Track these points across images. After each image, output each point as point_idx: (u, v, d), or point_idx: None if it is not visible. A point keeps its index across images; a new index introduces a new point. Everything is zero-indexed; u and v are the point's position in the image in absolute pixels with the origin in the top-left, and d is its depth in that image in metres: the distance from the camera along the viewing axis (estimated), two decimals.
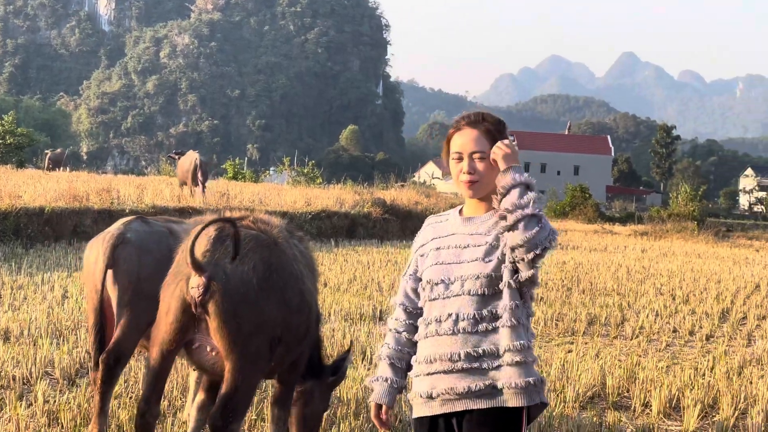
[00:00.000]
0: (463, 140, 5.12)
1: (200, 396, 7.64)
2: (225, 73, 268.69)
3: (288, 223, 9.52)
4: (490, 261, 5.03)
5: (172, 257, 6.96)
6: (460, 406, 5.01)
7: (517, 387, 4.92)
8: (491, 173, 5.05)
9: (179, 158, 36.09)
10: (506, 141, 5.05)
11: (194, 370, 7.56)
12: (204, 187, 32.86)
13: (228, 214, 7.25)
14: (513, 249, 4.94)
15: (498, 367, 4.96)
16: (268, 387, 9.44)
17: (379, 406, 5.35)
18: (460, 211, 5.28)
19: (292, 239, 7.55)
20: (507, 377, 4.94)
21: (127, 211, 26.18)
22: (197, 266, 6.52)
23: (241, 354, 6.75)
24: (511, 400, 4.95)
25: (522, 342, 4.96)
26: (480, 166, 5.05)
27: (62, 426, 8.61)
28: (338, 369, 8.43)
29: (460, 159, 5.09)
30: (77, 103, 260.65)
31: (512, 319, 4.97)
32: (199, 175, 32.55)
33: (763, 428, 9.56)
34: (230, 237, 6.75)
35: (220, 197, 32.88)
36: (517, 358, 4.94)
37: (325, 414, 9.31)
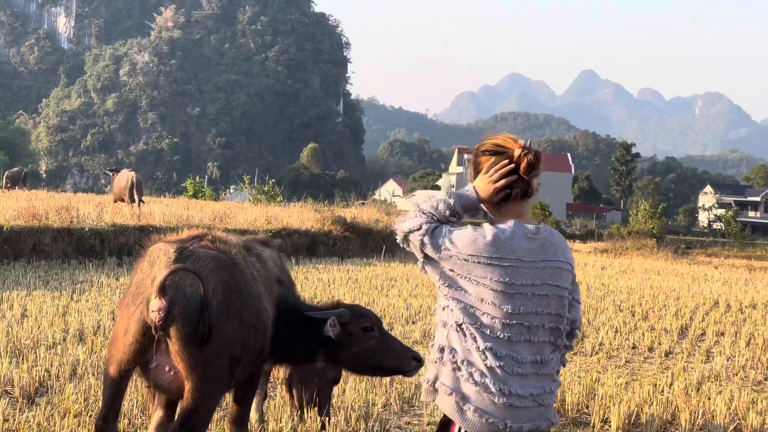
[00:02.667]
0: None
1: (158, 413, 7.64)
2: (185, 90, 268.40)
3: (246, 240, 9.60)
4: None
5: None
6: None
7: None
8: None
9: (114, 175, 37.57)
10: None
11: (148, 388, 7.55)
12: (141, 202, 34.49)
13: (187, 232, 7.28)
14: None
15: None
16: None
17: None
18: None
19: (250, 257, 7.61)
20: None
21: (86, 229, 26.10)
22: (162, 289, 6.53)
23: (201, 375, 6.77)
24: None
25: None
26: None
27: None
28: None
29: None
30: (36, 121, 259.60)
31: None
32: (135, 193, 34.13)
33: None
34: (190, 259, 6.78)
35: (180, 215, 32.82)
36: None
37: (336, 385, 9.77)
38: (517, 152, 5.38)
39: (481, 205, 5.50)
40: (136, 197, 34.01)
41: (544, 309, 5.19)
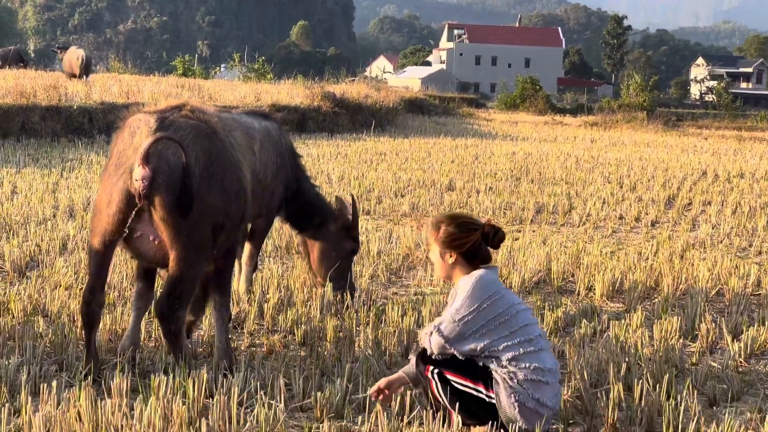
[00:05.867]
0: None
1: (138, 285, 7.75)
2: None
3: (245, 111, 9.75)
4: None
5: None
6: None
7: None
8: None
9: (62, 53, 40.49)
10: None
11: (131, 258, 7.66)
12: (88, 78, 37.26)
13: (165, 102, 7.32)
14: None
15: None
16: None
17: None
18: None
19: (231, 127, 7.71)
20: None
21: (75, 108, 26.04)
22: (145, 158, 6.59)
23: (186, 243, 6.87)
24: None
25: None
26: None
27: (13, 316, 8.71)
28: (340, 217, 9.87)
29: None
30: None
31: None
32: (84, 68, 37.44)
33: (701, 308, 9.78)
34: (171, 128, 6.83)
35: (170, 93, 32.70)
36: None
37: (355, 257, 10.30)
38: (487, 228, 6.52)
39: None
40: (84, 72, 37.05)
41: None
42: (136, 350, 7.56)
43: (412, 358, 6.53)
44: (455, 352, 6.12)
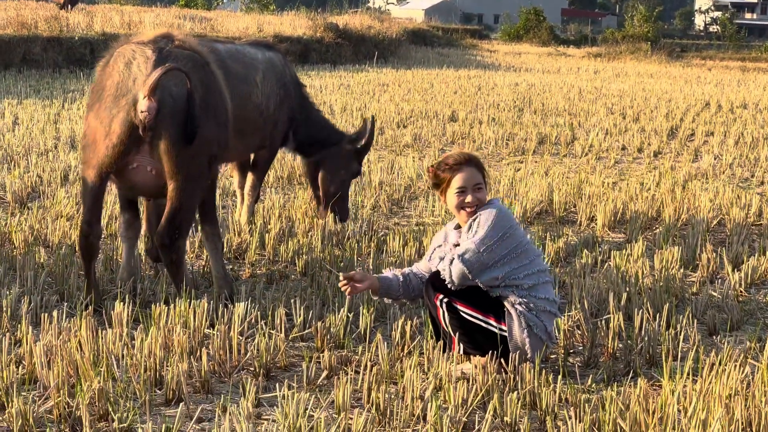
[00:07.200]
0: (466, 176, 6.35)
1: (124, 215, 7.77)
2: None
3: (248, 41, 9.81)
4: None
5: None
6: None
7: None
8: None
9: None
10: None
11: (120, 190, 7.65)
12: (70, 8, 36.42)
13: (151, 32, 7.32)
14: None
15: None
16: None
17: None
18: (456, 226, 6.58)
19: (217, 59, 7.79)
20: None
21: (76, 38, 25.93)
22: (153, 91, 6.59)
23: (186, 173, 6.90)
24: None
25: None
26: (479, 194, 6.34)
27: (15, 246, 8.73)
28: (356, 139, 10.02)
29: (463, 192, 6.32)
30: None
31: None
32: None
33: (702, 238, 9.79)
34: (170, 59, 6.83)
35: (171, 24, 32.56)
36: None
37: (355, 179, 10.53)
38: None
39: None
40: (68, 3, 37.06)
41: None
42: (135, 281, 7.58)
43: (383, 272, 6.77)
44: (477, 282, 6.15)
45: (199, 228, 7.90)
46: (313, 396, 5.79)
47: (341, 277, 6.42)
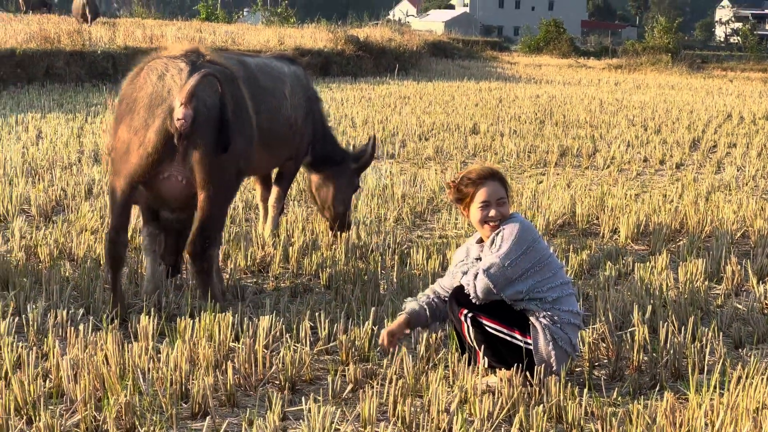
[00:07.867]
0: (489, 190, 6.35)
1: (147, 228, 7.79)
2: None
3: (272, 54, 9.89)
4: None
5: None
6: None
7: None
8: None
9: None
10: None
11: (143, 203, 7.68)
12: (92, 22, 37.12)
13: (179, 47, 7.39)
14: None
15: None
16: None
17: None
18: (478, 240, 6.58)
19: (245, 73, 7.88)
20: None
21: (99, 52, 26.04)
22: (189, 98, 6.66)
23: (217, 184, 7.00)
24: None
25: None
26: (502, 208, 6.35)
27: (40, 259, 8.77)
28: (361, 156, 10.03)
29: (486, 206, 6.32)
30: None
31: None
32: (87, 11, 37.62)
33: (726, 250, 9.76)
34: (204, 70, 6.90)
35: (193, 37, 32.68)
36: None
37: (355, 194, 10.63)
38: None
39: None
40: (88, 16, 37.16)
41: None
42: (160, 294, 7.60)
43: (407, 305, 6.62)
44: (502, 296, 6.15)
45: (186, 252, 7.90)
46: (339, 409, 5.79)
47: (385, 344, 6.48)
